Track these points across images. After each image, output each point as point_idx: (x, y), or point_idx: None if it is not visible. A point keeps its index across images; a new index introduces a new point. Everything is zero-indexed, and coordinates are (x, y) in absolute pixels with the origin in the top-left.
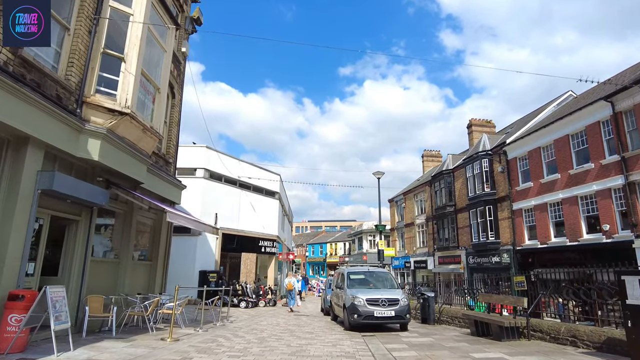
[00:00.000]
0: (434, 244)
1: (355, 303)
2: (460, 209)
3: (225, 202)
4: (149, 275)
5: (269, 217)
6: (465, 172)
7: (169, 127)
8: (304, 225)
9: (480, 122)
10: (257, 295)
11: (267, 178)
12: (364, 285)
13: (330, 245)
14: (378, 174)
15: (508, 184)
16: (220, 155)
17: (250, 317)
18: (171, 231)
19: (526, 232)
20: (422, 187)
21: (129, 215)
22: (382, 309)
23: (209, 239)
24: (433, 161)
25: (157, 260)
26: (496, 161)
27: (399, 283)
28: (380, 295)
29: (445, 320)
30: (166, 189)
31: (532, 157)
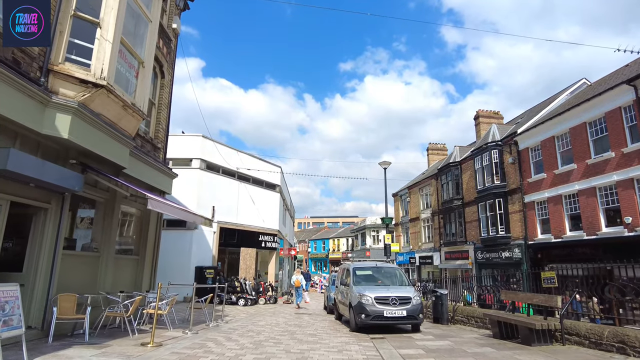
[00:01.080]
0: (440, 239)
1: (362, 302)
2: (468, 203)
3: (223, 194)
4: (136, 271)
5: (270, 211)
6: (473, 164)
7: (158, 109)
8: (306, 222)
9: (488, 113)
10: (257, 292)
11: (267, 170)
12: (372, 282)
13: (333, 241)
14: (384, 164)
15: (519, 176)
16: (217, 145)
17: (248, 316)
18: (161, 223)
19: (539, 226)
20: (427, 181)
21: (111, 204)
22: (392, 309)
23: (206, 233)
24: (438, 154)
25: (145, 255)
26: (506, 152)
27: (409, 279)
28: (390, 293)
29: (460, 319)
30: (154, 177)
31: (545, 146)
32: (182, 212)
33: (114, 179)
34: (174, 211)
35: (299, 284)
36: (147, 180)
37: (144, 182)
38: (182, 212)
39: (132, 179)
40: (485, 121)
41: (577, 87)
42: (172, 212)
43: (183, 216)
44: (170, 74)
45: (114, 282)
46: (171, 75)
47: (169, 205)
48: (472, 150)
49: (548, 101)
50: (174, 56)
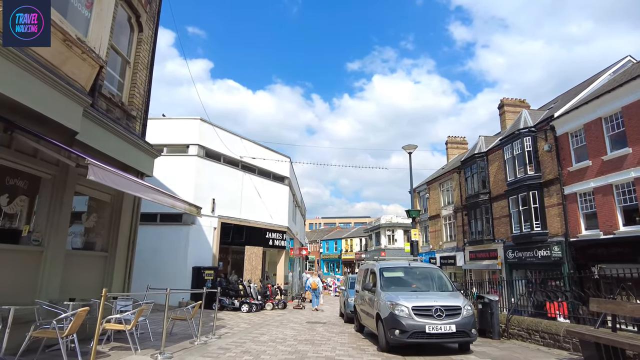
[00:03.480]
0: (464, 237)
1: (395, 313)
2: (497, 197)
3: (225, 185)
4: (104, 272)
5: (278, 205)
6: (502, 153)
7: (134, 69)
8: (317, 222)
9: (513, 101)
10: (264, 296)
11: (275, 159)
12: (404, 286)
13: (346, 242)
14: (409, 147)
15: (557, 165)
16: (217, 130)
17: (250, 326)
18: (138, 212)
19: (583, 221)
20: (448, 175)
21: (61, 184)
22: (437, 322)
23: (205, 229)
24: (458, 148)
25: (117, 251)
26: (541, 139)
27: (454, 283)
28: (432, 301)
29: (517, 333)
30: (128, 153)
31: (589, 130)
32: (151, 192)
33: (58, 145)
34: (136, 188)
35: (316, 286)
36: (117, 155)
37: (113, 158)
38: (151, 192)
39: (95, 153)
40: (511, 110)
41: (621, 65)
42: (133, 189)
43: (154, 197)
44: (151, 29)
45: (66, 285)
46: (152, 30)
47: (125, 179)
48: (500, 138)
49: (587, 83)
50: (157, 8)
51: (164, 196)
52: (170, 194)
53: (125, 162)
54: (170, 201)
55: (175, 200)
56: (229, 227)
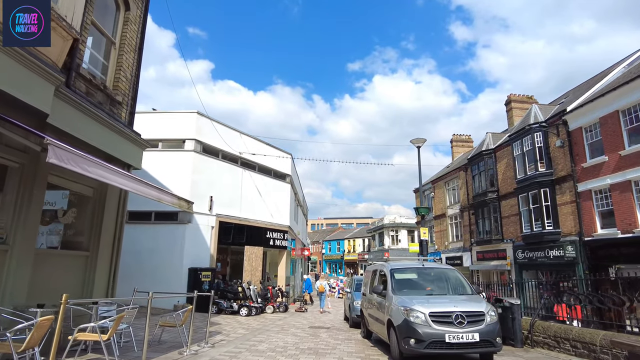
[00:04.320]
0: (470, 237)
1: (410, 320)
2: (505, 195)
3: (223, 183)
4: (84, 274)
5: (279, 204)
6: (512, 150)
7: (120, 50)
8: (319, 223)
9: (521, 97)
10: (265, 298)
11: (276, 155)
12: (418, 289)
13: (348, 242)
14: (417, 141)
15: (570, 161)
16: (215, 124)
17: (248, 332)
18: (124, 208)
19: (598, 219)
20: (454, 173)
21: (31, 174)
22: (458, 331)
23: (202, 228)
24: (463, 146)
25: (100, 251)
26: (553, 134)
27: (472, 286)
28: (452, 306)
29: (543, 341)
30: (113, 142)
31: (605, 124)
32: (131, 181)
33: (24, 128)
34: (112, 176)
35: (323, 289)
36: (99, 144)
37: (95, 148)
38: (131, 181)
39: (74, 141)
40: (518, 106)
41: (636, 57)
42: (108, 177)
43: (135, 188)
44: (139, 8)
45: (37, 289)
46: (142, 10)
47: (97, 165)
48: (509, 134)
49: (599, 77)
50: None
51: (148, 188)
52: (157, 186)
53: (109, 153)
54: (155, 194)
55: (162, 193)
56: (228, 226)
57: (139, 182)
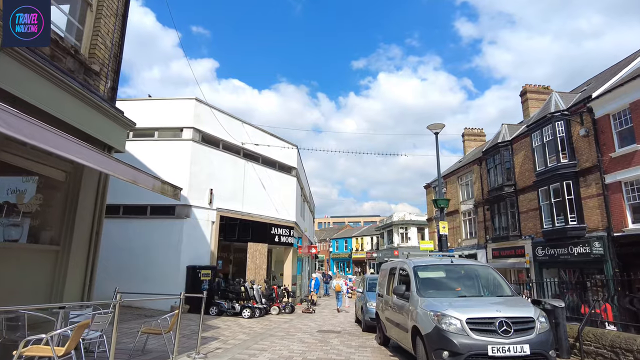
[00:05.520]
0: (486, 233)
1: (442, 328)
2: (523, 189)
3: (224, 175)
4: (53, 272)
5: (284, 198)
6: (530, 141)
7: (96, 13)
8: (326, 221)
9: (537, 88)
10: (269, 299)
11: (280, 146)
12: (447, 290)
13: (356, 240)
14: (435, 126)
15: (597, 151)
16: (215, 112)
17: (249, 338)
18: (104, 195)
19: (629, 213)
20: (468, 167)
21: None
22: (503, 341)
23: (202, 223)
24: (476, 140)
25: (73, 245)
26: (576, 122)
27: (512, 286)
28: (494, 311)
29: (595, 351)
30: (88, 118)
31: (637, 110)
32: (96, 156)
33: None
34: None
35: (339, 289)
36: (71, 120)
37: (67, 124)
38: (96, 156)
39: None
40: (534, 97)
41: None
42: (64, 148)
43: (101, 165)
44: None
45: None
46: None
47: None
48: (527, 125)
49: (625, 62)
50: None
51: (118, 165)
52: (132, 165)
53: (85, 130)
54: (128, 173)
55: (139, 174)
56: (230, 221)
57: (107, 158)
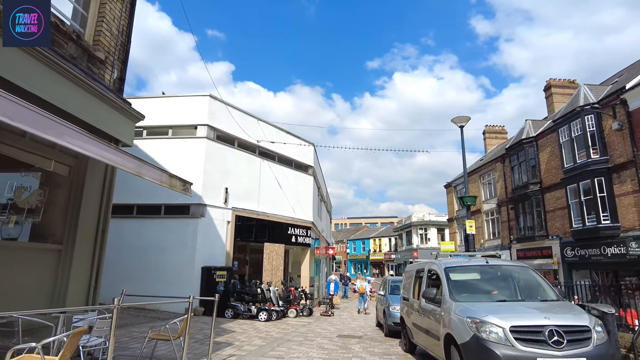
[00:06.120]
0: (509, 234)
1: (482, 337)
2: (550, 187)
3: (240, 173)
4: (57, 273)
5: (301, 198)
6: (557, 136)
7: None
8: (342, 222)
9: (562, 82)
10: (286, 301)
11: (296, 143)
12: (483, 293)
13: (374, 241)
14: (460, 119)
15: (632, 145)
16: (230, 109)
17: (265, 344)
18: (111, 191)
19: None
20: (490, 165)
21: None
22: (555, 354)
23: (217, 222)
24: (497, 138)
25: (76, 244)
26: (608, 116)
27: (556, 289)
28: (542, 318)
29: None
30: (92, 108)
31: None
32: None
33: None
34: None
35: (363, 290)
36: (73, 109)
37: (67, 113)
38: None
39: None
40: (559, 92)
41: None
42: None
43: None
44: None
45: None
46: None
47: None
48: (554, 119)
49: None
50: None
51: (120, 153)
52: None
53: (89, 122)
54: (131, 165)
55: (144, 165)
56: (246, 221)
57: (104, 145)
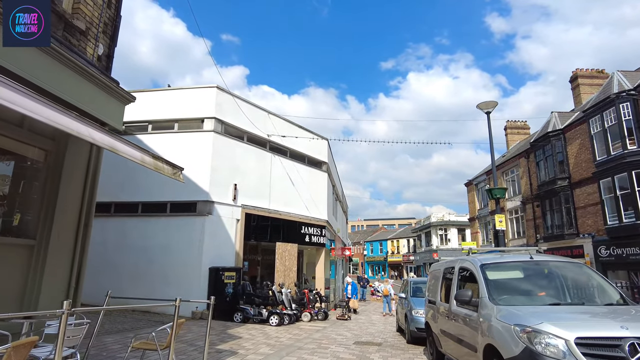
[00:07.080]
0: (536, 232)
1: (537, 350)
2: (580, 182)
3: (249, 169)
4: (27, 272)
5: (315, 195)
6: (587, 127)
7: None
8: (359, 224)
9: (590, 72)
10: (300, 304)
11: (309, 137)
12: (528, 295)
13: (392, 243)
14: (487, 105)
15: None
16: (239, 102)
17: (273, 352)
18: (95, 181)
19: None
20: (513, 161)
21: None
22: None
23: (225, 220)
24: (519, 133)
25: (52, 239)
26: None
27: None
28: (617, 327)
29: None
30: (71, 85)
31: None
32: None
33: None
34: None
35: (387, 292)
36: (51, 87)
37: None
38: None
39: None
40: (587, 82)
41: None
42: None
43: (69, 125)
44: None
45: None
46: None
47: None
48: (583, 110)
49: None
50: None
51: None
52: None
53: (71, 102)
54: (106, 140)
55: (118, 142)
56: (256, 219)
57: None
